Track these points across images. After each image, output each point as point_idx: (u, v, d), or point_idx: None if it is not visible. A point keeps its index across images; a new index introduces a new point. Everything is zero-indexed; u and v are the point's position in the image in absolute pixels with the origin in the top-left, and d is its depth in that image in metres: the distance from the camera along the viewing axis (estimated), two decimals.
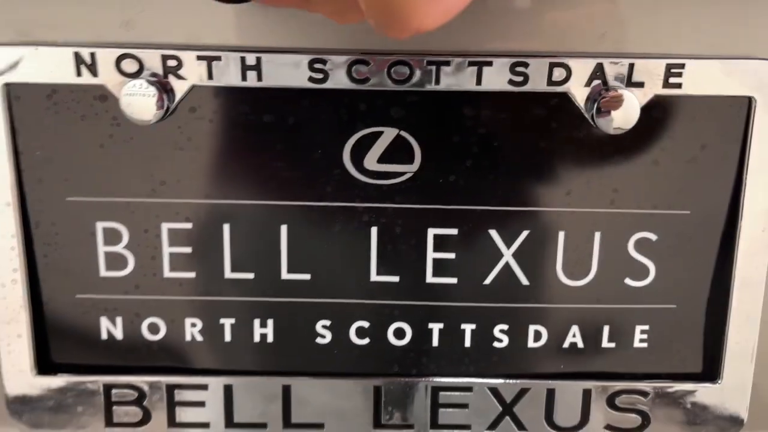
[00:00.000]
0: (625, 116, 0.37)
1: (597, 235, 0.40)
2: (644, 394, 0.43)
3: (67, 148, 0.39)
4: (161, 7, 0.37)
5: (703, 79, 0.38)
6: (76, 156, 0.39)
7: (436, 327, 0.42)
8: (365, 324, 0.42)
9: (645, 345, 0.43)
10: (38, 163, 0.39)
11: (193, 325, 0.42)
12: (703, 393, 0.43)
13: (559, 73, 0.37)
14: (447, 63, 0.37)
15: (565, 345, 0.42)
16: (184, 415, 0.43)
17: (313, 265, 0.41)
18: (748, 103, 0.38)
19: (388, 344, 0.42)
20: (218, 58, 0.37)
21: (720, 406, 0.43)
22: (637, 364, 0.43)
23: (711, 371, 0.43)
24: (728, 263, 0.41)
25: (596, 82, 0.37)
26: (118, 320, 0.42)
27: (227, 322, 0.42)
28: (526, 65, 0.37)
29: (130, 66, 0.37)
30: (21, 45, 0.37)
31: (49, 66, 0.37)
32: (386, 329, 0.42)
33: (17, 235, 0.40)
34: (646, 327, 0.42)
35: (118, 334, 0.42)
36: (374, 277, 0.41)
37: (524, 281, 0.41)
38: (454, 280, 0.41)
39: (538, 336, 0.42)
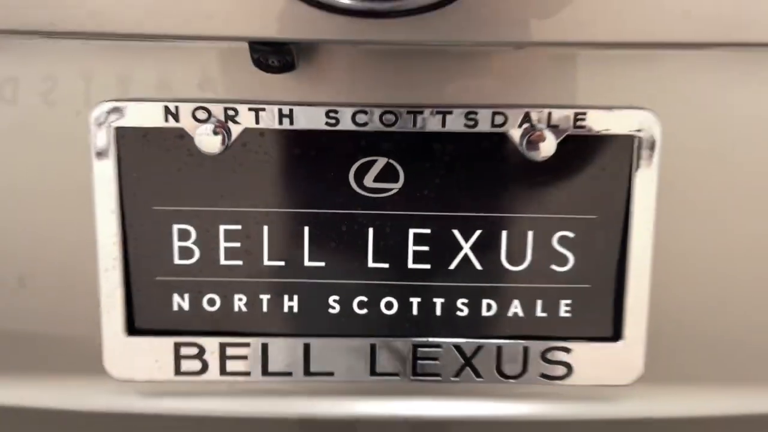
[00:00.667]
0: (547, 148, 0.54)
1: (530, 234, 0.57)
2: (568, 350, 0.59)
3: (154, 172, 0.56)
4: (224, 73, 0.54)
5: (600, 123, 0.54)
6: (161, 177, 0.56)
7: (415, 301, 0.58)
8: (364, 299, 0.58)
9: (569, 315, 0.58)
10: (134, 182, 0.56)
11: (240, 299, 0.58)
12: (610, 349, 0.59)
13: (499, 119, 0.54)
14: (421, 112, 0.54)
15: (509, 314, 0.58)
16: (232, 366, 0.59)
17: (327, 255, 0.57)
18: (632, 139, 0.55)
19: (381, 313, 0.58)
20: (263, 109, 0.54)
21: (623, 359, 0.59)
22: (562, 329, 0.59)
23: (616, 334, 0.58)
24: (625, 254, 0.57)
25: (526, 125, 0.54)
26: (186, 296, 0.58)
27: (264, 298, 0.58)
28: (476, 113, 0.54)
29: (201, 114, 0.54)
30: (127, 101, 0.54)
31: (145, 115, 0.54)
32: (379, 302, 0.58)
33: (117, 233, 0.56)
34: (569, 301, 0.58)
35: (186, 306, 0.58)
36: (370, 264, 0.57)
37: (478, 267, 0.57)
38: (428, 266, 0.57)
39: (489, 307, 0.58)
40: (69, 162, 0.55)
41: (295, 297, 0.58)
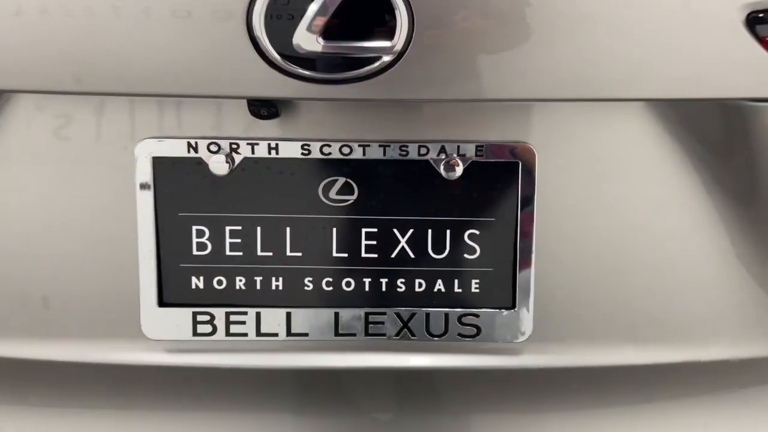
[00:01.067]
0: (457, 171, 0.77)
1: (448, 231, 0.80)
2: (477, 316, 0.81)
3: (179, 188, 0.78)
4: (230, 118, 0.77)
5: (494, 154, 0.78)
6: (184, 192, 0.78)
7: (366, 281, 0.81)
8: (330, 279, 0.81)
9: (477, 290, 0.81)
10: (165, 196, 0.78)
11: (240, 280, 0.81)
12: (507, 316, 0.81)
13: (423, 150, 0.77)
14: (369, 145, 0.77)
15: (435, 290, 0.81)
16: (234, 329, 0.81)
17: (303, 248, 0.80)
18: (517, 164, 0.78)
19: (342, 290, 0.81)
20: (257, 144, 0.77)
21: (516, 323, 0.81)
22: (473, 300, 0.81)
23: (511, 304, 0.81)
24: (515, 246, 0.79)
25: (442, 154, 0.77)
26: (201, 278, 0.80)
27: (258, 279, 0.81)
28: (407, 146, 0.77)
29: (213, 147, 0.77)
30: (161, 137, 0.77)
31: (174, 148, 0.77)
32: (341, 282, 0.81)
33: (152, 232, 0.79)
34: (477, 280, 0.81)
35: (201, 285, 0.81)
36: (334, 254, 0.80)
37: (412, 256, 0.80)
38: (375, 255, 0.80)
39: (420, 285, 0.81)
40: (118, 184, 0.77)
41: (281, 278, 0.81)
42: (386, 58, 0.68)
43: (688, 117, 0.76)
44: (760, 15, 0.70)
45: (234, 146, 0.77)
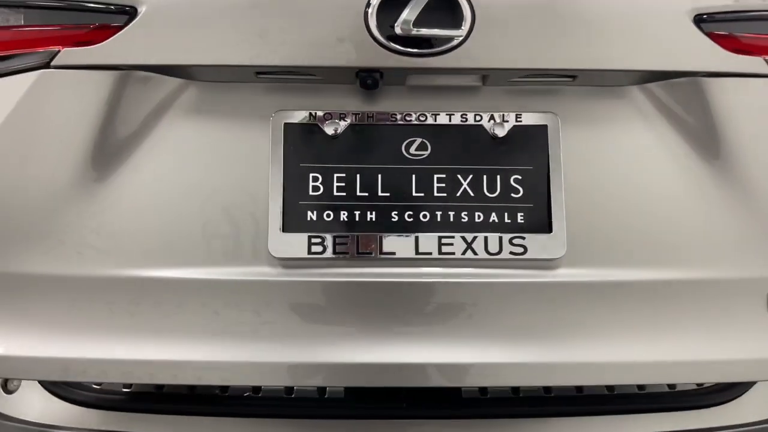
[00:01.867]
0: (503, 132, 1.08)
1: (498, 177, 1.08)
2: (524, 238, 1.06)
3: (301, 146, 1.08)
4: (340, 95, 1.10)
5: (530, 119, 1.09)
6: (304, 148, 1.08)
7: (438, 213, 1.07)
8: (411, 212, 1.07)
9: (522, 221, 1.07)
10: (291, 151, 1.07)
11: (343, 213, 1.07)
12: (547, 238, 1.07)
13: (478, 118, 1.08)
14: (438, 114, 1.08)
15: (490, 220, 1.07)
16: (339, 249, 1.06)
17: (391, 190, 1.07)
18: (546, 127, 1.09)
19: (420, 221, 1.07)
20: (359, 113, 1.08)
21: (554, 244, 1.06)
22: (520, 227, 1.07)
23: (549, 229, 1.07)
24: (549, 187, 1.07)
25: (492, 120, 1.08)
26: (315, 212, 1.07)
27: (356, 213, 1.08)
28: (467, 115, 1.08)
29: (327, 116, 1.08)
30: (290, 110, 1.08)
31: (299, 116, 1.08)
32: (419, 215, 1.07)
33: (280, 178, 1.07)
34: (522, 213, 1.07)
35: (314, 217, 1.07)
36: (413, 193, 1.08)
37: (472, 195, 1.08)
38: (445, 194, 1.08)
39: (479, 217, 1.07)
40: (258, 143, 1.07)
41: (374, 212, 1.07)
42: (455, 41, 1.01)
43: (668, 93, 1.08)
44: (704, 16, 1.05)
45: (342, 115, 1.08)
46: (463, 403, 1.15)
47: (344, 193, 1.06)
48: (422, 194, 1.07)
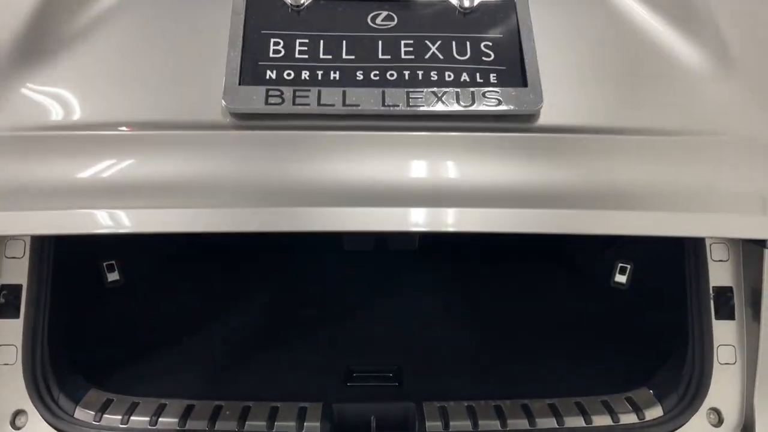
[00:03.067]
0: (470, 4, 1.06)
1: (467, 43, 1.04)
2: (498, 92, 1.00)
3: (264, 15, 1.05)
4: None
5: None
6: (267, 17, 1.05)
7: (406, 72, 1.01)
8: (377, 72, 1.02)
9: (496, 81, 1.01)
10: (252, 20, 1.04)
11: (305, 73, 1.01)
12: (522, 91, 0.99)
13: None
14: None
15: (461, 80, 1.01)
16: (299, 101, 0.98)
17: (356, 52, 1.03)
18: (514, 2, 1.07)
19: (388, 79, 1.01)
20: None
21: (530, 98, 0.99)
22: (494, 85, 1.01)
23: (524, 84, 1.00)
24: (521, 50, 1.03)
25: None
26: (274, 71, 1.01)
27: (319, 72, 1.01)
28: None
29: None
30: None
31: None
32: (386, 74, 1.01)
33: (240, 43, 1.02)
34: (495, 74, 1.02)
35: (274, 76, 1.00)
36: (380, 56, 1.02)
37: (441, 57, 1.03)
38: (412, 57, 1.03)
39: (449, 76, 1.01)
40: (220, 12, 1.04)
41: (338, 72, 1.00)
42: None
43: None
44: None
45: None
46: None
47: (306, 56, 1.01)
48: (389, 57, 1.02)
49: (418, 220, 0.95)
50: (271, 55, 1.01)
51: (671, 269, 1.24)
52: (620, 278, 1.55)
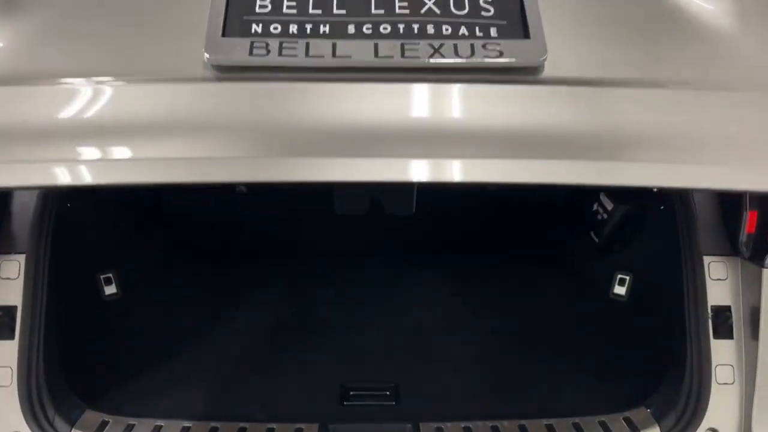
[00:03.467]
0: None
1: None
2: (498, 44, 0.93)
3: None
4: None
5: None
6: None
7: (400, 26, 0.95)
8: (369, 26, 0.95)
9: (496, 35, 0.95)
10: None
11: (292, 28, 0.95)
12: (525, 42, 0.93)
13: None
14: None
15: (459, 33, 0.94)
16: (286, 53, 0.91)
17: (347, 7, 0.96)
18: None
19: (381, 32, 0.94)
20: None
21: (532, 50, 0.92)
22: (494, 37, 0.94)
23: (526, 36, 0.94)
24: (527, 9, 0.97)
25: None
26: (260, 25, 0.95)
27: (308, 27, 0.95)
28: None
29: None
30: None
31: None
32: (379, 28, 0.95)
33: None
34: (495, 29, 0.95)
35: (260, 30, 0.94)
36: (373, 10, 0.96)
37: (438, 12, 0.96)
38: (407, 11, 0.96)
39: (447, 30, 0.95)
40: None
41: (327, 26, 0.93)
42: None
43: None
44: None
45: None
46: None
47: (294, 11, 0.95)
48: (382, 11, 0.96)
49: (417, 170, 0.88)
50: (257, 10, 0.95)
51: (670, 281, 1.19)
52: (619, 290, 1.50)
